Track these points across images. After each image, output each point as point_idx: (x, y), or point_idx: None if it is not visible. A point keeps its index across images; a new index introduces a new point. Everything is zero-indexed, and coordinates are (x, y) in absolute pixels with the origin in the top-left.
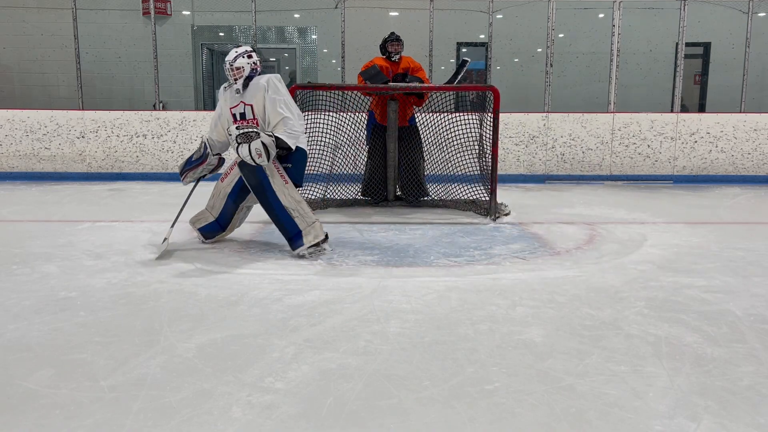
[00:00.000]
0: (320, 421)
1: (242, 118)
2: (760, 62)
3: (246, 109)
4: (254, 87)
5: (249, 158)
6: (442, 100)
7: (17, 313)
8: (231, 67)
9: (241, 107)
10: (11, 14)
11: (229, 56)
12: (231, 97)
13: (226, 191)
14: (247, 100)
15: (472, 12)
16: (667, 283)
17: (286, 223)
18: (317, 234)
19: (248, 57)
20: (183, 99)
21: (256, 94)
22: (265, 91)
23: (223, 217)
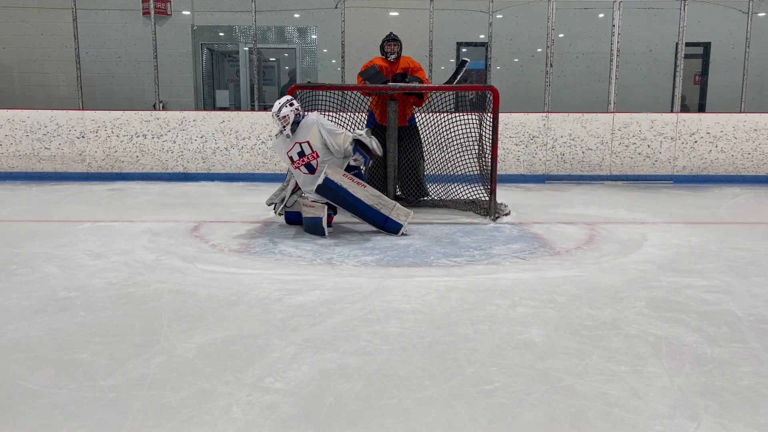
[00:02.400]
0: (320, 421)
1: (300, 156)
2: (760, 62)
3: (303, 146)
4: (305, 127)
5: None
6: (442, 100)
7: (17, 313)
8: (278, 118)
9: (297, 147)
10: (11, 14)
11: (274, 109)
12: (284, 143)
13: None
14: (300, 139)
15: (472, 12)
16: (667, 283)
17: (376, 216)
18: (406, 211)
19: (290, 105)
20: (183, 99)
21: (309, 130)
22: (318, 125)
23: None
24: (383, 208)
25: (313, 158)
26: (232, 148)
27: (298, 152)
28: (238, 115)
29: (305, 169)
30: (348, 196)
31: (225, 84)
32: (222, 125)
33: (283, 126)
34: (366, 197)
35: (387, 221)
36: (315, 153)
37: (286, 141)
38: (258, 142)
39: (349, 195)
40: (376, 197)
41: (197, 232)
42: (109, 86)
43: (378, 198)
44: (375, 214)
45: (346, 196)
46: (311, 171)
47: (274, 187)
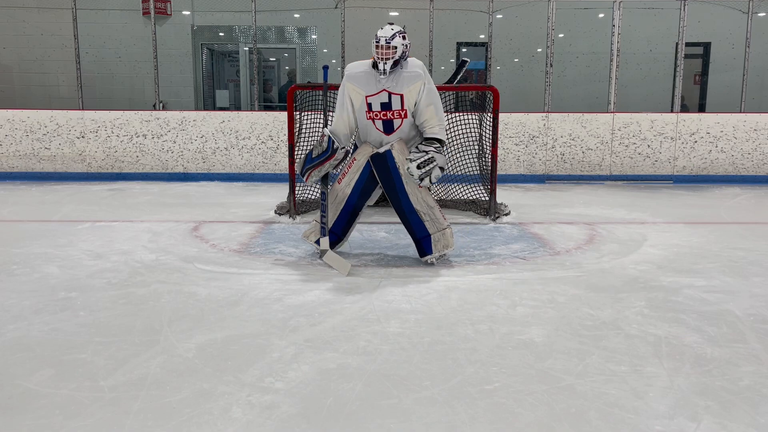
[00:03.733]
0: (320, 421)
1: (384, 108)
2: (760, 62)
3: (393, 99)
4: (409, 76)
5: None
6: (442, 100)
7: (17, 313)
8: (387, 45)
9: (384, 96)
10: (11, 14)
11: (384, 32)
12: (369, 82)
13: (346, 193)
14: (395, 89)
15: (472, 12)
16: (667, 283)
17: (415, 226)
18: (447, 243)
19: (403, 37)
20: (183, 99)
21: (412, 83)
22: (423, 83)
23: (339, 224)
24: (430, 223)
25: (399, 117)
26: (232, 148)
27: (382, 102)
28: (238, 115)
29: (380, 125)
30: (398, 184)
31: (225, 84)
32: (222, 125)
33: (384, 58)
34: (416, 199)
35: (425, 239)
36: (405, 111)
37: (374, 81)
38: (258, 142)
39: (400, 182)
40: (429, 207)
41: (197, 232)
42: (109, 86)
43: (430, 210)
44: (416, 222)
45: (397, 183)
46: (388, 131)
47: (275, 187)
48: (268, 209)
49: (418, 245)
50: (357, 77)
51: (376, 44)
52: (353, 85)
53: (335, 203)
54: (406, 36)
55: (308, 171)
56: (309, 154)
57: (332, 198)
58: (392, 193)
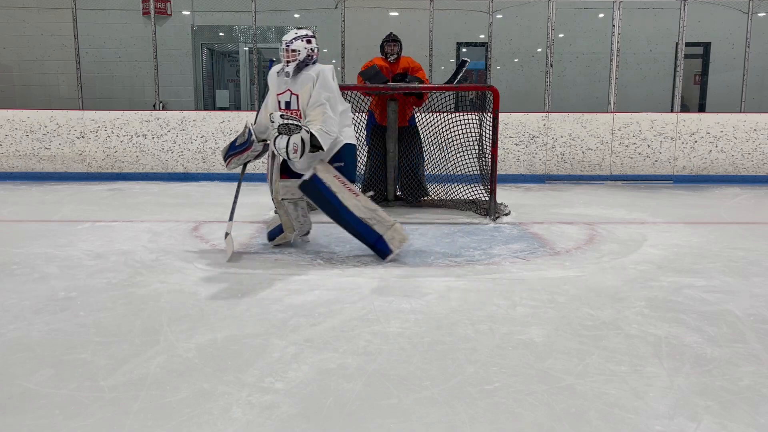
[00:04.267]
0: (320, 421)
1: (287, 107)
2: (760, 62)
3: (292, 98)
4: (304, 77)
5: (284, 152)
6: (442, 100)
7: (17, 313)
8: (287, 48)
9: (287, 95)
10: (11, 14)
11: (287, 36)
12: (280, 82)
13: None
14: (294, 89)
15: (472, 12)
16: (667, 283)
17: (365, 232)
18: (402, 237)
19: (307, 41)
20: (183, 99)
21: (305, 85)
22: (314, 83)
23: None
24: (378, 224)
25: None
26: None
27: (286, 101)
28: (238, 115)
29: None
30: (334, 201)
31: (225, 84)
32: (222, 125)
33: (288, 61)
34: (357, 208)
35: (378, 241)
36: (300, 112)
37: (284, 81)
38: None
39: (336, 201)
40: (371, 211)
41: (197, 232)
42: (109, 86)
43: (373, 212)
44: (364, 229)
45: (332, 201)
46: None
47: None
48: (268, 209)
49: (374, 249)
50: (272, 75)
51: (280, 47)
52: (271, 83)
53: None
54: (313, 40)
55: (230, 158)
56: (233, 143)
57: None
58: (331, 210)
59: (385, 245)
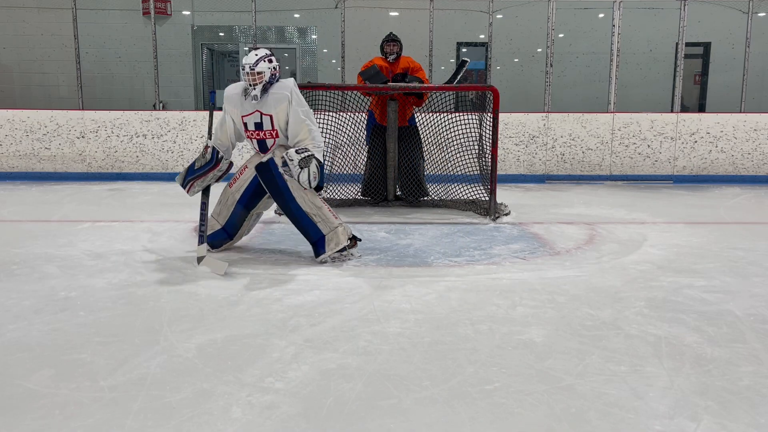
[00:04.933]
0: (320, 421)
1: (257, 129)
2: (760, 62)
3: (264, 119)
4: (275, 98)
5: (308, 183)
6: (442, 100)
7: (17, 313)
8: (251, 71)
9: (256, 116)
10: (11, 14)
11: (248, 59)
12: (244, 103)
13: (235, 198)
14: (265, 110)
15: (472, 12)
16: (667, 283)
17: (309, 229)
18: (339, 241)
19: (269, 61)
20: (183, 99)
21: (278, 105)
22: (289, 103)
23: (230, 225)
24: (322, 223)
25: (271, 137)
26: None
27: (255, 122)
28: None
29: (256, 144)
30: (285, 190)
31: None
32: None
33: (253, 84)
34: (303, 201)
35: (320, 240)
36: (276, 131)
37: (250, 103)
38: None
39: (287, 190)
40: (317, 208)
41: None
42: (109, 86)
43: (318, 210)
44: (309, 225)
45: (283, 190)
46: (263, 150)
47: None
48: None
49: (314, 247)
50: (232, 98)
51: (243, 71)
52: (230, 106)
53: (226, 205)
54: (273, 59)
55: (190, 182)
56: (191, 166)
57: (224, 199)
58: (280, 199)
59: (323, 244)
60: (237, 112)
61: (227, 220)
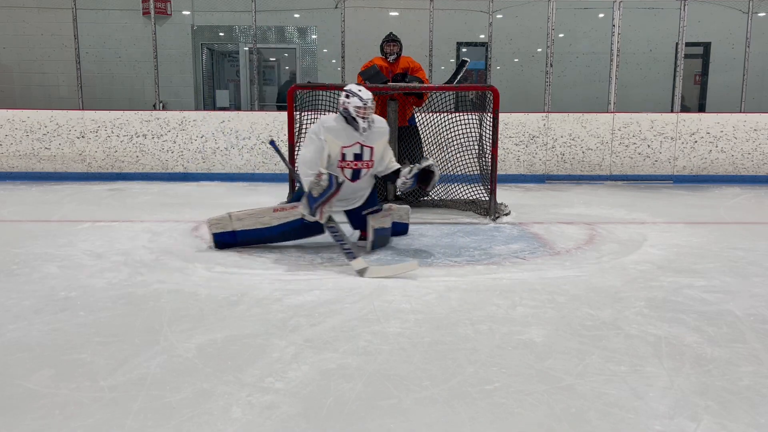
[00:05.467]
0: (320, 421)
1: (356, 159)
2: (760, 62)
3: (365, 150)
4: (379, 131)
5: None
6: (442, 100)
7: (17, 313)
8: (368, 107)
9: (356, 148)
10: (11, 14)
11: (367, 95)
12: (346, 134)
13: (272, 223)
14: (368, 142)
15: (472, 12)
16: (667, 283)
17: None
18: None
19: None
20: (183, 99)
21: (381, 138)
22: (388, 134)
23: (244, 237)
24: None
25: (367, 167)
26: (232, 148)
27: (355, 153)
28: (238, 115)
29: (349, 174)
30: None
31: (225, 84)
32: (222, 125)
33: (363, 117)
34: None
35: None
36: (372, 162)
37: (350, 133)
38: (258, 142)
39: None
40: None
41: (197, 232)
42: (109, 86)
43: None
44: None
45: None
46: (354, 178)
47: (275, 187)
48: None
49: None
50: (334, 129)
51: (362, 105)
52: (331, 137)
53: (258, 220)
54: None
55: (318, 209)
56: (309, 195)
57: (258, 214)
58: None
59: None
60: (338, 143)
61: (245, 231)
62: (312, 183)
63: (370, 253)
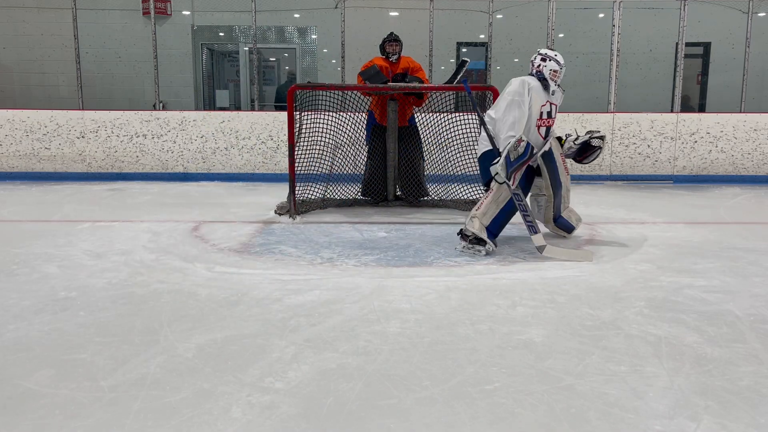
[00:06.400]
0: (320, 421)
1: (548, 117)
2: (760, 62)
3: (552, 108)
4: (558, 91)
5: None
6: (442, 100)
7: (17, 313)
8: (561, 71)
9: (548, 106)
10: (11, 14)
11: (561, 59)
12: (542, 93)
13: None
14: (554, 100)
15: (472, 12)
16: (667, 283)
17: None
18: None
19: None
20: (183, 99)
21: (561, 97)
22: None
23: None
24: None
25: (552, 125)
26: (232, 148)
27: (547, 111)
28: (238, 115)
29: (543, 131)
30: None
31: (225, 84)
32: (222, 125)
33: (553, 79)
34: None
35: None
36: (554, 120)
37: (543, 93)
38: (258, 142)
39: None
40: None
41: (197, 232)
42: (109, 86)
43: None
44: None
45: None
46: (546, 136)
47: (275, 187)
48: (268, 209)
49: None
50: (536, 88)
51: (558, 69)
52: (537, 96)
53: (496, 205)
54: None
55: (513, 173)
56: (507, 158)
57: (495, 200)
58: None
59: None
60: (539, 101)
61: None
62: (511, 147)
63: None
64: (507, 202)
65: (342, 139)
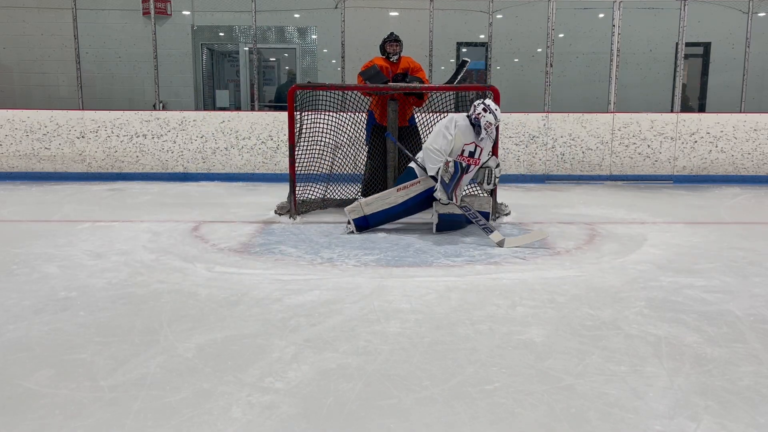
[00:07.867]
0: (320, 421)
1: (470, 156)
2: (760, 62)
3: (477, 150)
4: (487, 137)
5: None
6: (442, 100)
7: (17, 313)
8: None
9: (472, 147)
10: (11, 14)
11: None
12: (471, 134)
13: (397, 201)
14: (481, 144)
15: (472, 12)
16: (667, 283)
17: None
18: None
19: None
20: (183, 99)
21: (488, 142)
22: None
23: (374, 219)
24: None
25: (476, 164)
26: (232, 148)
27: (470, 151)
28: (238, 115)
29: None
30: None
31: (225, 84)
32: (222, 125)
33: (486, 129)
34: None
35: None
36: (479, 161)
37: (471, 134)
38: (258, 142)
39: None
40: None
41: (197, 232)
42: (109, 86)
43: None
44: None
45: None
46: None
47: (275, 187)
48: (268, 209)
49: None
50: (465, 130)
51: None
52: (461, 135)
53: (382, 201)
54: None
55: (452, 192)
56: (442, 182)
57: (384, 196)
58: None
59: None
60: (463, 139)
61: (374, 214)
62: (442, 171)
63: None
64: (393, 207)
65: (342, 139)
